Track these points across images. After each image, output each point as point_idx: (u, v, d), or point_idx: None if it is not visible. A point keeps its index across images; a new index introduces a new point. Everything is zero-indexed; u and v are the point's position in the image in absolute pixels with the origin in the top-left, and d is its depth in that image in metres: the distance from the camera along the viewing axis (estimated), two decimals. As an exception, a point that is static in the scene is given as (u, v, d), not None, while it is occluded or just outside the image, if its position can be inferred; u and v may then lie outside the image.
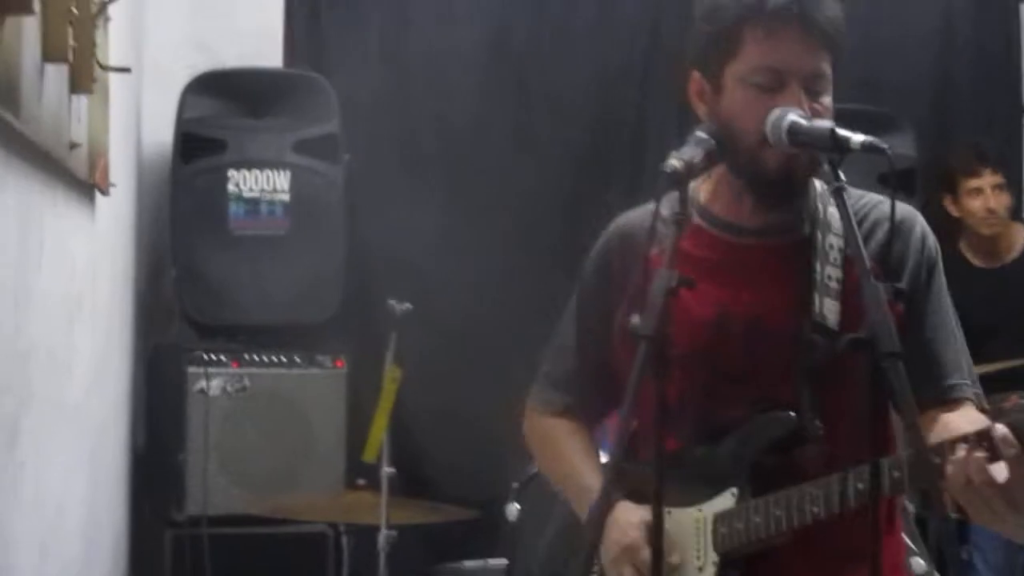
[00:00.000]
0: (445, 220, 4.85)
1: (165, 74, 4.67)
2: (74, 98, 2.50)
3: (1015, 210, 4.87)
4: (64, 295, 2.65)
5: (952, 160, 4.88)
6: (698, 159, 1.92)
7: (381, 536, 3.64)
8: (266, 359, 4.40)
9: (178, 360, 4.35)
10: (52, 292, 2.47)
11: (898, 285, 1.87)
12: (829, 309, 2.05)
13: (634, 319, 1.82)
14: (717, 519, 2.08)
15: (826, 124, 1.90)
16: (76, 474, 2.98)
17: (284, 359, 4.41)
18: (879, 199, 2.14)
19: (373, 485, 3.69)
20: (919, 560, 3.42)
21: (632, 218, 2.24)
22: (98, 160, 2.94)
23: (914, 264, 2.10)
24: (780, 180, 2.04)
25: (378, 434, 3.70)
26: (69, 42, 2.27)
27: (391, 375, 3.71)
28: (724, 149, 1.97)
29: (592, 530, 1.88)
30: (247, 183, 4.47)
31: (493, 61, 5.11)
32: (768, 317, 2.09)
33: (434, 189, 4.91)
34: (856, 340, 1.74)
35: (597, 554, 2.12)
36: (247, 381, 4.36)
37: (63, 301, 2.64)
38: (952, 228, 4.86)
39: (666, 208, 1.89)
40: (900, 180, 1.88)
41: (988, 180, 4.75)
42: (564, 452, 2.33)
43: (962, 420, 2.01)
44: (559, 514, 3.02)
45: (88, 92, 2.59)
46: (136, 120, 4.54)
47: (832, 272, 2.07)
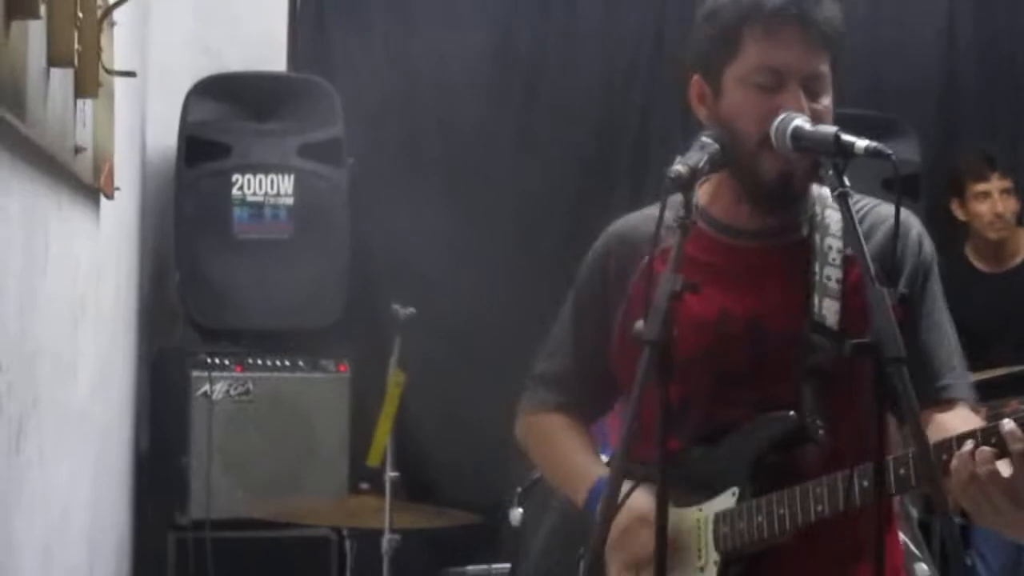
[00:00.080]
0: (449, 224, 4.84)
1: (170, 78, 4.67)
2: (79, 102, 2.50)
3: (1021, 215, 4.87)
4: (69, 299, 2.65)
5: (960, 164, 4.88)
6: (702, 164, 1.92)
7: (384, 540, 3.64)
8: (270, 363, 4.40)
9: (182, 364, 4.36)
10: (57, 296, 2.47)
11: (902, 290, 1.88)
12: (829, 309, 2.06)
13: (638, 324, 1.82)
14: (718, 519, 2.08)
15: (830, 129, 1.90)
16: (80, 477, 2.97)
17: (288, 363, 4.42)
18: (875, 202, 2.14)
19: (377, 489, 3.70)
20: (923, 566, 3.41)
21: (630, 221, 2.25)
22: (103, 164, 2.94)
23: (911, 268, 2.11)
24: (778, 188, 2.05)
25: (382, 438, 3.70)
26: (75, 46, 2.27)
27: (395, 379, 3.71)
28: (728, 154, 1.98)
29: (606, 505, 1.83)
30: (251, 187, 4.47)
31: (497, 65, 5.11)
32: (768, 318, 2.10)
33: (438, 193, 4.91)
34: (860, 345, 1.74)
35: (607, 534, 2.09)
36: (251, 385, 4.36)
37: (68, 305, 2.64)
38: (958, 232, 4.86)
39: (669, 212, 1.89)
40: (904, 185, 1.88)
41: (996, 184, 4.75)
42: (560, 446, 2.34)
43: (957, 420, 2.02)
44: (552, 514, 3.02)
45: (93, 96, 2.59)
46: (141, 124, 4.54)
47: (832, 272, 2.08)
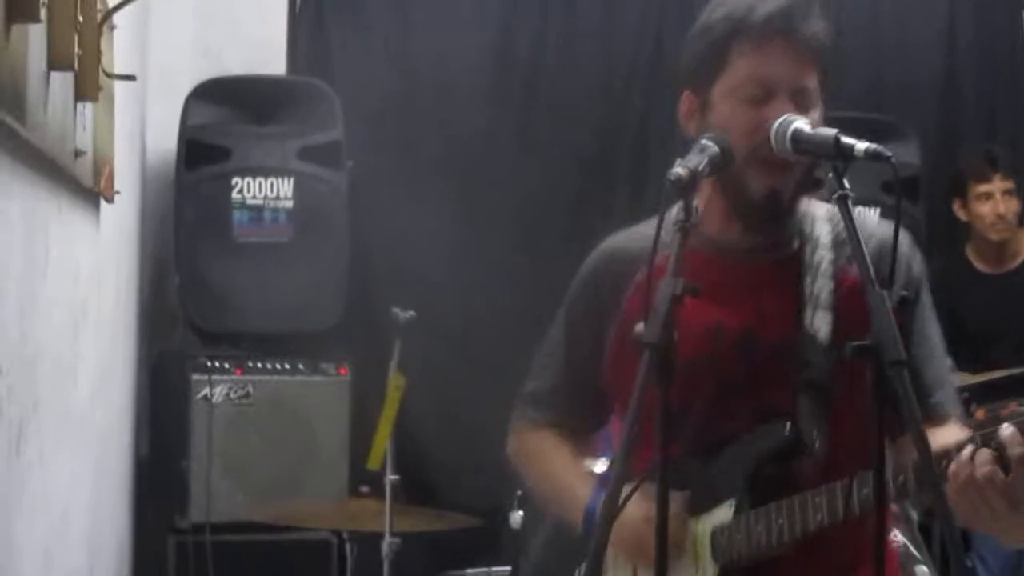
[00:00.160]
0: (449, 227, 4.85)
1: (170, 81, 4.67)
2: (79, 106, 2.50)
3: (1023, 216, 4.87)
4: (69, 302, 2.65)
5: (963, 164, 4.89)
6: (702, 166, 1.92)
7: (385, 543, 3.64)
8: (270, 366, 4.40)
9: (182, 367, 4.36)
10: (57, 299, 2.47)
11: (903, 293, 1.87)
12: (822, 321, 2.06)
13: (638, 327, 1.82)
14: (716, 530, 2.08)
15: (830, 131, 1.90)
16: (80, 480, 2.97)
17: (288, 366, 4.42)
18: (864, 211, 2.14)
19: (377, 492, 3.69)
20: (923, 568, 3.41)
21: (622, 238, 2.25)
22: (103, 168, 2.94)
23: (902, 282, 2.10)
24: (767, 205, 2.05)
25: (382, 441, 3.70)
26: (75, 50, 2.27)
27: (395, 382, 3.71)
28: (728, 157, 1.97)
29: (608, 505, 1.82)
30: (251, 190, 4.47)
31: (497, 67, 5.11)
32: (761, 329, 2.10)
33: (438, 196, 4.90)
34: (861, 347, 1.73)
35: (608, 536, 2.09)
36: (251, 388, 4.36)
37: (68, 308, 2.64)
38: (958, 233, 4.87)
39: (668, 220, 1.88)
40: (904, 187, 1.88)
41: (998, 185, 4.76)
42: (551, 464, 2.33)
43: (949, 436, 2.00)
44: (548, 524, 3.02)
45: (93, 100, 2.59)
46: (141, 127, 4.54)
47: (823, 284, 2.08)
